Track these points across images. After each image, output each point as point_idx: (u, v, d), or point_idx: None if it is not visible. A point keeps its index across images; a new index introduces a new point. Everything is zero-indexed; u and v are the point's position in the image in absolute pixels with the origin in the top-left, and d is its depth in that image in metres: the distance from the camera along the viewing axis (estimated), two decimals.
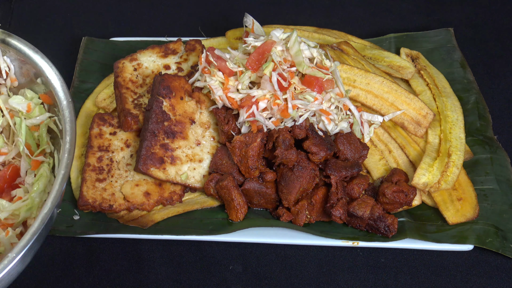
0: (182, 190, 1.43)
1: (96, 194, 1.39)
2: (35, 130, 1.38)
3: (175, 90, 1.46)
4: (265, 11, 1.99)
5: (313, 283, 1.33)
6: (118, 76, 1.56)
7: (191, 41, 1.64)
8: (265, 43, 1.42)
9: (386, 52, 1.67)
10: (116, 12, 2.00)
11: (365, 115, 1.49)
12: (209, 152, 1.46)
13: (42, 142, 1.36)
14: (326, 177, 1.37)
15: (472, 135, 1.53)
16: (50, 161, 1.34)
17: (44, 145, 1.35)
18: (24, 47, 1.36)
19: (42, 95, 1.39)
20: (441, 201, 1.39)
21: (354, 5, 2.01)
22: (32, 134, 1.37)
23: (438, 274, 1.34)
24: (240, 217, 1.38)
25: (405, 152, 1.47)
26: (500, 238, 1.34)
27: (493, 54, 1.83)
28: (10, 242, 1.22)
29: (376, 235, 1.36)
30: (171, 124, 1.43)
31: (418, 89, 1.60)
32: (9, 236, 1.22)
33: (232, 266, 1.36)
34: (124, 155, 1.46)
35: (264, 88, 1.38)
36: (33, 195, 1.26)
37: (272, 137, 1.37)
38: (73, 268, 1.35)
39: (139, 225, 1.37)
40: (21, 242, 1.07)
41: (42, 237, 1.13)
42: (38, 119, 1.37)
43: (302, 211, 1.36)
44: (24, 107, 1.37)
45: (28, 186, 1.31)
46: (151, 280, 1.33)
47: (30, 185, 1.31)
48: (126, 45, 1.80)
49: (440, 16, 1.95)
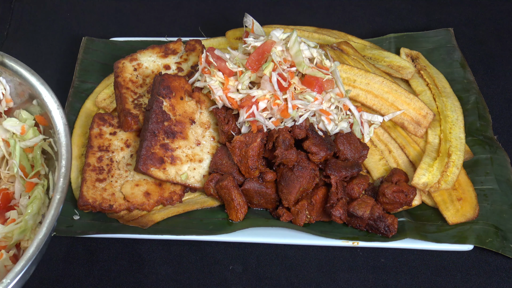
0: (182, 190, 1.43)
1: (96, 194, 1.39)
2: (29, 152, 1.36)
3: (175, 90, 1.46)
4: (265, 11, 1.99)
5: (313, 283, 1.33)
6: (118, 76, 1.56)
7: (191, 41, 1.64)
8: (265, 43, 1.42)
9: (386, 52, 1.67)
10: (116, 12, 2.00)
11: (365, 115, 1.49)
12: (209, 152, 1.46)
13: (36, 164, 1.35)
14: (326, 177, 1.37)
15: (472, 135, 1.53)
16: (45, 183, 1.32)
17: (39, 167, 1.34)
18: (20, 69, 1.33)
19: (38, 116, 1.37)
20: (441, 201, 1.39)
21: (354, 5, 2.01)
22: (26, 156, 1.36)
23: (438, 274, 1.34)
24: (240, 217, 1.38)
25: (405, 152, 1.47)
26: (500, 238, 1.34)
27: (493, 54, 1.83)
28: (4, 265, 1.20)
29: (376, 235, 1.36)
30: (171, 124, 1.43)
31: (418, 89, 1.60)
32: (3, 259, 1.21)
33: (232, 266, 1.36)
34: (124, 155, 1.46)
35: (264, 88, 1.38)
36: (27, 217, 1.24)
37: (272, 137, 1.37)
38: (73, 268, 1.35)
39: (139, 225, 1.37)
40: (16, 267, 1.05)
41: (37, 261, 1.12)
42: (32, 141, 1.35)
43: (302, 211, 1.36)
44: (18, 130, 1.36)
45: (22, 208, 1.30)
46: (151, 280, 1.33)
47: (24, 207, 1.29)
48: (126, 45, 1.80)
49: (440, 16, 1.95)
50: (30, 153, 1.36)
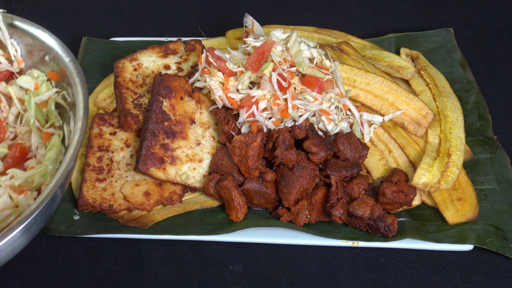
0: (182, 190, 1.43)
1: (96, 194, 1.39)
2: (43, 107, 1.43)
3: (175, 90, 1.46)
4: (265, 11, 1.99)
5: (313, 283, 1.33)
6: (118, 76, 1.56)
7: (191, 41, 1.64)
8: (265, 43, 1.42)
9: (386, 52, 1.67)
10: (116, 12, 2.00)
11: (365, 115, 1.49)
12: (209, 152, 1.46)
13: (51, 116, 1.41)
14: (326, 177, 1.37)
15: (472, 135, 1.53)
16: (60, 133, 1.39)
17: (53, 119, 1.40)
18: (31, 28, 1.41)
19: (49, 73, 1.44)
20: (441, 201, 1.39)
21: (354, 5, 2.01)
22: (40, 111, 1.42)
23: (438, 274, 1.34)
24: (240, 217, 1.38)
25: (405, 152, 1.47)
26: (500, 238, 1.34)
27: (493, 54, 1.83)
28: (28, 204, 1.24)
29: (376, 235, 1.36)
30: (171, 124, 1.43)
31: (418, 89, 1.60)
32: (27, 196, 1.26)
33: (232, 266, 1.36)
34: (124, 155, 1.46)
35: (264, 88, 1.38)
36: (46, 162, 1.30)
37: (272, 137, 1.37)
38: (73, 268, 1.35)
39: (139, 225, 1.37)
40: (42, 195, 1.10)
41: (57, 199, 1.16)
42: (46, 95, 1.42)
43: (302, 211, 1.36)
44: (32, 86, 1.43)
45: (40, 157, 1.35)
46: (151, 280, 1.33)
47: (42, 156, 1.35)
48: (126, 45, 1.80)
49: (440, 16, 1.95)
50: (44, 107, 1.42)
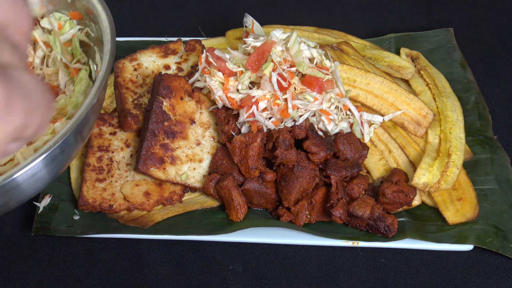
0: (182, 190, 1.43)
1: (96, 194, 1.39)
2: (68, 46, 1.45)
3: (175, 90, 1.46)
4: (265, 11, 1.99)
5: (313, 283, 1.33)
6: (118, 76, 1.56)
7: (191, 41, 1.64)
8: (265, 43, 1.42)
9: (386, 52, 1.67)
10: (116, 12, 1.99)
11: (365, 115, 1.49)
12: (209, 152, 1.46)
13: (76, 53, 1.44)
14: (326, 177, 1.37)
15: (472, 135, 1.53)
16: (87, 68, 1.41)
17: (79, 56, 1.43)
18: None
19: (71, 13, 1.47)
20: (441, 201, 1.39)
21: (354, 5, 2.01)
22: (66, 49, 1.45)
23: (438, 274, 1.33)
24: (240, 217, 1.38)
25: (405, 152, 1.47)
26: (500, 238, 1.34)
27: (493, 54, 1.83)
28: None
29: (376, 235, 1.36)
30: (171, 124, 1.43)
31: (418, 89, 1.60)
32: (62, 122, 1.27)
33: (232, 266, 1.36)
34: (124, 155, 1.46)
35: (264, 88, 1.38)
36: (77, 94, 1.33)
37: (272, 137, 1.37)
38: (73, 268, 1.35)
39: (139, 225, 1.37)
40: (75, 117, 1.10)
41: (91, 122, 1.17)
42: (69, 33, 1.46)
43: (302, 211, 1.36)
44: (55, 26, 1.47)
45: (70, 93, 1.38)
46: (151, 280, 1.33)
47: (72, 91, 1.37)
48: (126, 45, 1.80)
49: (440, 16, 1.95)
50: (69, 46, 1.45)
